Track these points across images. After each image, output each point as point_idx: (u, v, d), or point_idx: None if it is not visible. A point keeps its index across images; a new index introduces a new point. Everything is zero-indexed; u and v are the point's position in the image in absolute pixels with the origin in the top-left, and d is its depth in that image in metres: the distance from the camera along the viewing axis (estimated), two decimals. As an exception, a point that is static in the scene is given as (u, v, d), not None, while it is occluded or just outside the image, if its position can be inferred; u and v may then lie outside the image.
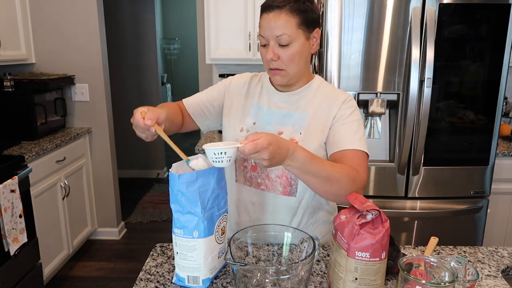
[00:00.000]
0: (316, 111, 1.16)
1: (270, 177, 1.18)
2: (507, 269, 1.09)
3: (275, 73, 1.12)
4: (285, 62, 1.09)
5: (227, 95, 1.28)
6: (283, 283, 0.90)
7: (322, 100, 1.17)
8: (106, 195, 3.22)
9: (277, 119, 1.19)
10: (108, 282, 2.73)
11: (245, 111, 1.23)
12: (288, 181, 1.17)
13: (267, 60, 1.10)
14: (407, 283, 0.79)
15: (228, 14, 2.61)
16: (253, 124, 1.21)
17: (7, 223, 1.98)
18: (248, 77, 1.29)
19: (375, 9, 2.01)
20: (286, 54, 1.08)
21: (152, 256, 1.12)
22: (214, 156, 0.88)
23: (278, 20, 1.05)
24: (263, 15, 1.09)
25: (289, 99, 1.20)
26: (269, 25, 1.06)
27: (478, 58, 2.08)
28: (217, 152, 0.88)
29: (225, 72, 2.99)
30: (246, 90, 1.26)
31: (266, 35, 1.08)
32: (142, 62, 4.59)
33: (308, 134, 1.15)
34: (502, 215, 2.49)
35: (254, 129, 1.19)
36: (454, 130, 2.17)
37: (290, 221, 1.21)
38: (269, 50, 1.08)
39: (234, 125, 1.23)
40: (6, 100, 2.59)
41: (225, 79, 1.32)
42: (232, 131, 1.23)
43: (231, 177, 1.25)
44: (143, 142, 4.73)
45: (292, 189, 1.17)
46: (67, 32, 2.93)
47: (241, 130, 1.21)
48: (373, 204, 0.87)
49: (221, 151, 0.87)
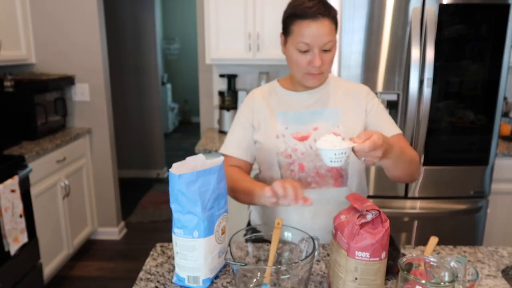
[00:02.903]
0: (346, 106, 1.24)
1: (320, 173, 1.21)
2: (507, 269, 1.09)
3: (314, 77, 1.17)
4: (327, 65, 1.16)
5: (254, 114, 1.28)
6: (283, 283, 0.90)
7: (346, 95, 1.25)
8: (106, 195, 3.22)
9: (307, 117, 1.23)
10: (108, 282, 2.73)
11: (272, 121, 1.25)
12: (339, 173, 1.22)
13: (306, 66, 1.15)
14: (407, 283, 0.79)
15: (228, 14, 2.61)
16: (286, 129, 1.23)
17: (8, 223, 1.98)
18: (261, 91, 1.32)
19: (375, 9, 2.01)
20: (328, 58, 1.15)
21: (152, 256, 1.13)
22: (334, 157, 0.90)
23: (324, 28, 1.11)
24: (304, 22, 1.11)
25: (311, 97, 1.25)
26: (316, 33, 1.10)
27: (478, 58, 2.08)
28: (338, 153, 0.90)
29: (225, 72, 2.99)
30: (267, 103, 1.27)
31: (311, 43, 1.12)
32: (142, 62, 4.59)
33: (347, 127, 1.21)
34: (502, 215, 2.49)
35: (288, 133, 1.22)
36: (454, 130, 2.17)
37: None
38: (316, 57, 1.12)
39: (268, 135, 1.24)
40: (6, 100, 2.59)
41: (246, 101, 1.32)
42: (270, 141, 1.23)
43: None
44: (143, 142, 4.73)
45: (343, 179, 1.22)
46: (67, 32, 2.93)
47: (277, 137, 1.22)
48: (373, 204, 0.87)
49: (341, 152, 0.89)
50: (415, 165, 1.16)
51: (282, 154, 1.21)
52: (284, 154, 1.21)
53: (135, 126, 4.69)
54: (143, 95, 4.66)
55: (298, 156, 1.20)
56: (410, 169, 1.14)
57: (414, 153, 1.18)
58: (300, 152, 1.20)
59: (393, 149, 1.00)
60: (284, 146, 1.21)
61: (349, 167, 1.22)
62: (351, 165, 1.21)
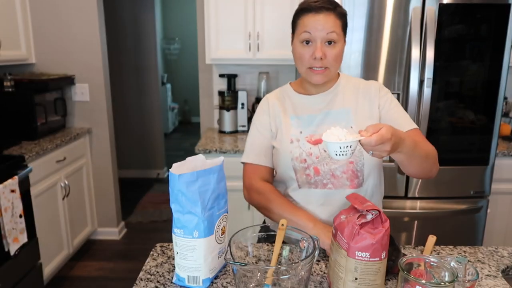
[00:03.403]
0: (357, 105, 1.22)
1: (335, 175, 1.20)
2: (507, 269, 1.09)
3: (317, 73, 1.16)
4: (330, 61, 1.15)
5: (271, 119, 1.28)
6: (283, 283, 0.90)
7: (356, 94, 1.24)
8: (106, 195, 3.22)
9: (320, 120, 1.22)
10: (108, 282, 2.73)
11: (287, 125, 1.24)
12: (355, 174, 1.20)
13: (309, 59, 1.15)
14: (407, 283, 0.79)
15: (228, 14, 2.61)
16: (300, 133, 1.22)
17: (7, 223, 1.98)
18: (274, 96, 1.31)
19: (375, 9, 2.01)
20: (332, 53, 1.14)
21: (152, 256, 1.13)
22: (339, 150, 0.87)
23: (328, 20, 1.12)
24: (308, 15, 1.13)
25: (324, 99, 1.24)
26: (319, 23, 1.12)
27: (478, 58, 2.08)
28: (343, 146, 0.87)
29: (225, 72, 2.99)
30: (282, 108, 1.27)
31: (314, 33, 1.12)
32: (142, 62, 4.59)
33: (360, 127, 1.19)
34: (502, 215, 2.49)
35: (302, 137, 1.21)
36: (454, 130, 2.17)
37: None
38: (317, 48, 1.13)
39: (283, 140, 1.24)
40: (6, 100, 2.59)
41: (260, 106, 1.32)
42: (285, 146, 1.23)
43: (294, 186, 1.24)
44: (143, 142, 4.73)
45: (359, 180, 1.20)
46: (67, 32, 2.93)
47: (291, 142, 1.22)
48: (373, 204, 0.87)
49: (347, 145, 0.87)
50: (432, 160, 1.13)
51: (297, 159, 1.20)
52: (299, 159, 1.20)
53: (135, 126, 4.69)
54: (143, 95, 4.66)
55: (313, 160, 1.19)
56: (426, 164, 1.10)
57: (431, 148, 1.14)
58: (315, 156, 1.19)
59: (404, 143, 0.97)
60: (299, 151, 1.20)
61: (365, 168, 1.19)
62: (366, 166, 1.19)
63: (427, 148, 1.12)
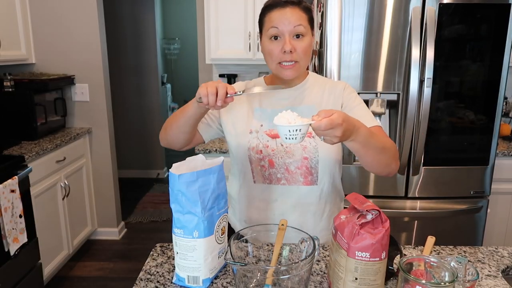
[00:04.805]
0: (321, 102, 1.23)
1: (289, 170, 1.20)
2: (507, 269, 1.09)
3: (287, 68, 1.16)
4: (300, 54, 1.15)
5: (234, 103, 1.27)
6: (283, 283, 0.90)
7: (322, 91, 1.25)
8: (106, 195, 3.22)
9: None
10: (108, 282, 2.73)
11: (249, 116, 1.25)
12: (309, 170, 1.20)
13: (278, 54, 1.14)
14: (407, 283, 0.79)
15: (228, 14, 2.61)
16: (261, 126, 1.23)
17: (7, 223, 1.98)
18: (242, 85, 1.32)
19: (375, 9, 2.01)
20: (301, 46, 1.14)
21: (152, 256, 1.12)
22: (288, 133, 0.87)
23: (294, 13, 1.13)
24: (274, 11, 1.15)
25: (290, 95, 1.25)
26: (285, 18, 1.12)
27: (478, 58, 2.08)
28: (292, 130, 0.86)
29: (225, 72, 2.99)
30: (247, 97, 1.27)
31: (281, 27, 1.13)
32: (142, 62, 4.59)
33: None
34: (502, 215, 2.49)
35: (262, 130, 1.22)
36: (454, 130, 2.17)
37: (315, 211, 1.24)
38: (286, 42, 1.13)
39: (242, 129, 1.24)
40: (6, 100, 2.59)
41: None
42: (242, 136, 1.24)
43: (249, 179, 1.26)
44: (143, 142, 4.73)
45: (313, 177, 1.21)
46: (67, 32, 2.93)
47: (250, 132, 1.23)
48: (373, 204, 0.87)
49: (296, 128, 0.86)
50: (390, 154, 1.10)
51: (254, 149, 1.21)
52: (256, 150, 1.21)
53: (135, 126, 4.69)
54: (143, 95, 4.66)
55: (269, 152, 1.21)
56: (383, 157, 1.08)
57: (390, 142, 1.13)
58: (271, 149, 1.21)
59: (358, 131, 0.95)
60: (256, 142, 1.22)
61: (319, 166, 1.19)
62: (321, 163, 1.19)
63: (384, 140, 1.10)
